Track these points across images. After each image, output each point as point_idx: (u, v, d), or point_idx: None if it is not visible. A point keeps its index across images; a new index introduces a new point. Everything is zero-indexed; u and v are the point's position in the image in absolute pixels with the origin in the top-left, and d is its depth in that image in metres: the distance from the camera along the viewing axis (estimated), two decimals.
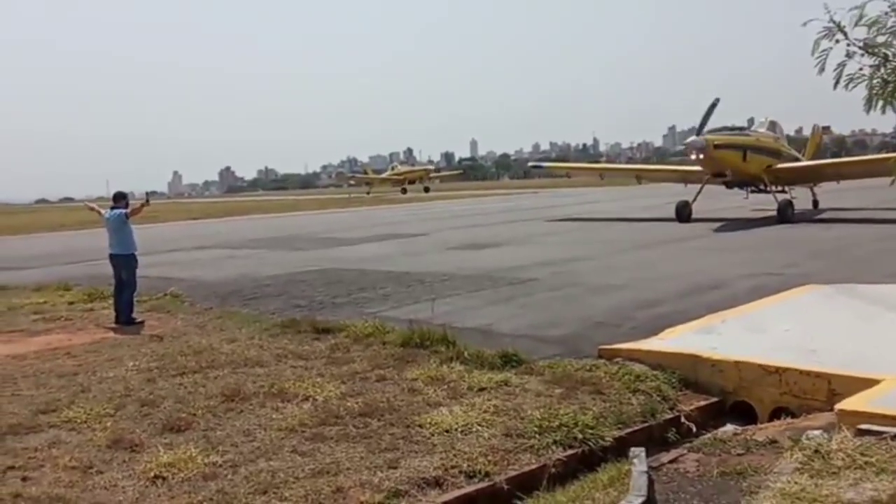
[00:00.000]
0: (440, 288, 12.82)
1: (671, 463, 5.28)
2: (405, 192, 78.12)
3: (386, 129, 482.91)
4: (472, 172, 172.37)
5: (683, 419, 6.52)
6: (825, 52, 4.35)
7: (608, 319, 9.83)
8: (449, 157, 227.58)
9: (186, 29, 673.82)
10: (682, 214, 25.58)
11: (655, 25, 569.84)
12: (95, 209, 12.49)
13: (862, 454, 4.69)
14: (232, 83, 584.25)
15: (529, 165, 76.47)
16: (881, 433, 4.97)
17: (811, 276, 12.13)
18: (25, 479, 5.24)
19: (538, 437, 5.73)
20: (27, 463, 5.53)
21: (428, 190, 79.97)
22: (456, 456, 5.39)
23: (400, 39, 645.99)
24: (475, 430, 5.89)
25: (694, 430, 6.39)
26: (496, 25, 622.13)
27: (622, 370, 7.23)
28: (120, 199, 11.68)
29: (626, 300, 11.11)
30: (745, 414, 6.74)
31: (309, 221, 37.29)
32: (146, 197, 12.15)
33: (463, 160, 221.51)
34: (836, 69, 4.40)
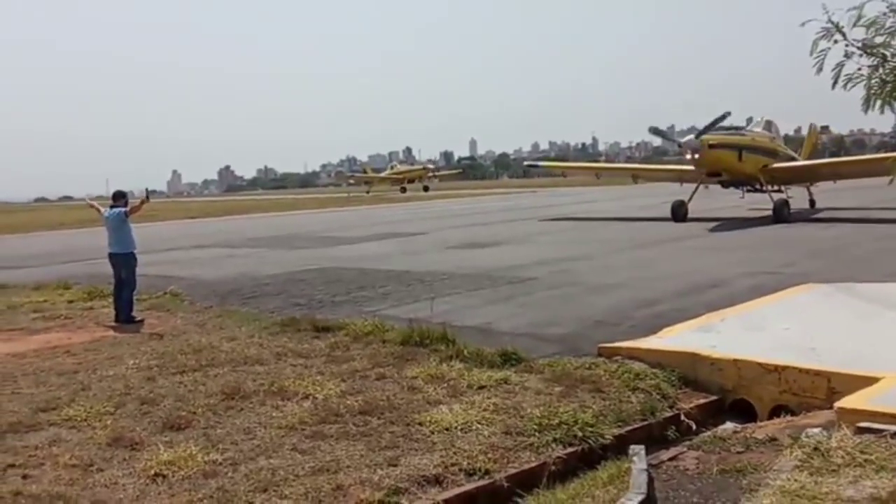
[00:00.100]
0: (440, 287, 12.83)
1: (671, 461, 5.30)
2: (404, 191, 78.16)
3: (385, 128, 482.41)
4: (471, 171, 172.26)
5: (683, 417, 6.54)
6: (823, 52, 4.36)
7: (607, 318, 9.84)
8: (448, 156, 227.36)
9: (186, 29, 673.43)
10: (677, 214, 25.48)
11: (655, 25, 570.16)
12: (96, 207, 12.49)
13: (861, 452, 4.70)
14: (231, 83, 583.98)
15: (525, 165, 76.30)
16: (881, 431, 4.98)
17: (810, 275, 12.14)
18: (26, 477, 5.25)
19: (538, 434, 5.75)
20: (27, 461, 5.53)
21: (427, 189, 79.97)
22: (456, 454, 5.40)
23: (399, 39, 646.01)
24: (475, 427, 5.90)
25: (693, 428, 6.42)
26: (495, 25, 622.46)
27: (622, 368, 7.25)
28: (119, 197, 11.69)
29: (624, 299, 11.12)
30: (744, 412, 6.75)
31: (308, 220, 37.30)
32: (146, 193, 12.15)
33: (462, 159, 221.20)
34: (834, 69, 4.42)
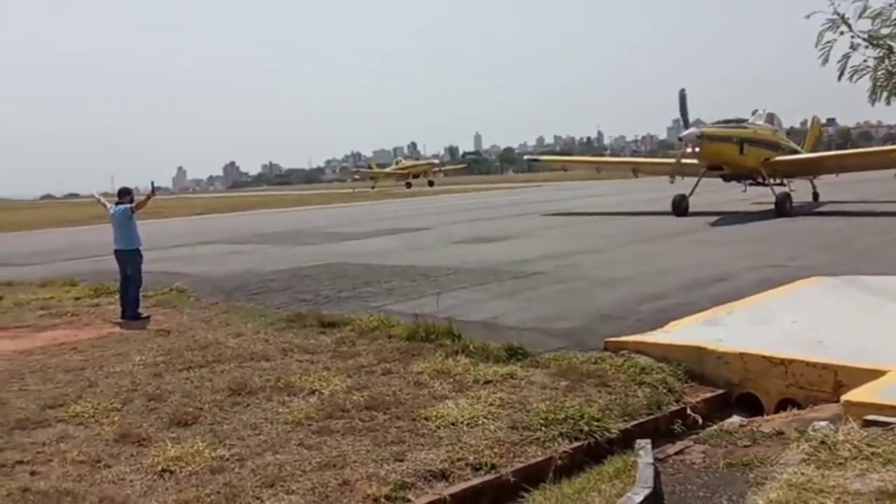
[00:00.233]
0: (445, 282, 12.83)
1: (677, 455, 5.29)
2: (410, 186, 78.10)
3: (390, 123, 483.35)
4: (476, 166, 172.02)
5: (689, 411, 6.52)
6: (829, 43, 4.35)
7: (613, 312, 9.83)
8: (453, 151, 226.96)
9: (190, 28, 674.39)
10: (678, 208, 25.16)
11: (660, 18, 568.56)
12: (102, 202, 12.51)
13: (868, 445, 4.69)
14: (235, 80, 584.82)
15: (525, 159, 76.12)
16: (888, 424, 4.96)
17: (816, 268, 12.11)
18: (34, 473, 5.27)
19: (544, 429, 5.74)
20: (35, 457, 5.55)
21: (432, 184, 79.96)
22: (462, 448, 5.41)
23: (403, 36, 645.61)
24: (481, 422, 5.90)
25: (700, 421, 6.40)
26: (500, 20, 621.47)
27: (628, 363, 7.23)
28: (125, 194, 11.72)
29: (630, 293, 11.11)
30: (751, 406, 6.74)
31: (313, 216, 37.33)
32: (151, 188, 12.14)
33: (467, 154, 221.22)
34: (840, 61, 4.41)
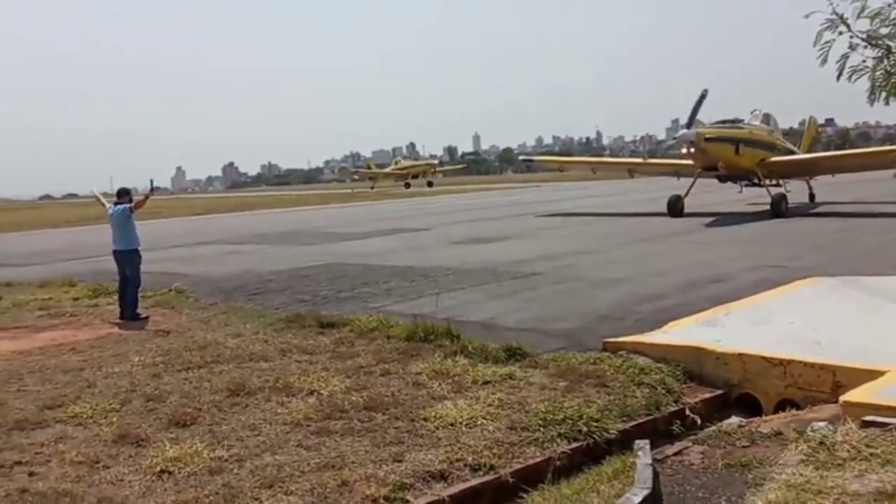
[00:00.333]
0: (444, 282, 12.83)
1: (676, 455, 5.29)
2: (409, 186, 78.10)
3: (389, 123, 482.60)
4: (475, 167, 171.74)
5: (688, 412, 6.53)
6: (828, 43, 4.35)
7: (612, 313, 9.84)
8: (452, 151, 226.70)
9: (187, 27, 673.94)
10: (674, 209, 25.01)
11: (659, 17, 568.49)
12: (102, 201, 12.50)
13: (867, 445, 4.69)
14: (234, 79, 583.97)
15: (520, 159, 76.22)
16: (886, 424, 4.96)
17: (813, 269, 12.10)
18: (32, 474, 5.26)
19: (543, 430, 5.75)
20: (34, 458, 5.55)
21: (431, 184, 79.92)
22: (461, 449, 5.41)
23: (402, 36, 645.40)
24: (480, 423, 5.90)
25: (698, 422, 6.40)
26: (499, 19, 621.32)
27: (626, 363, 7.24)
28: (123, 194, 11.72)
29: (628, 294, 11.11)
30: (749, 406, 6.74)
31: (312, 216, 37.33)
32: (150, 186, 12.07)
33: (466, 154, 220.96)
34: (838, 61, 4.41)
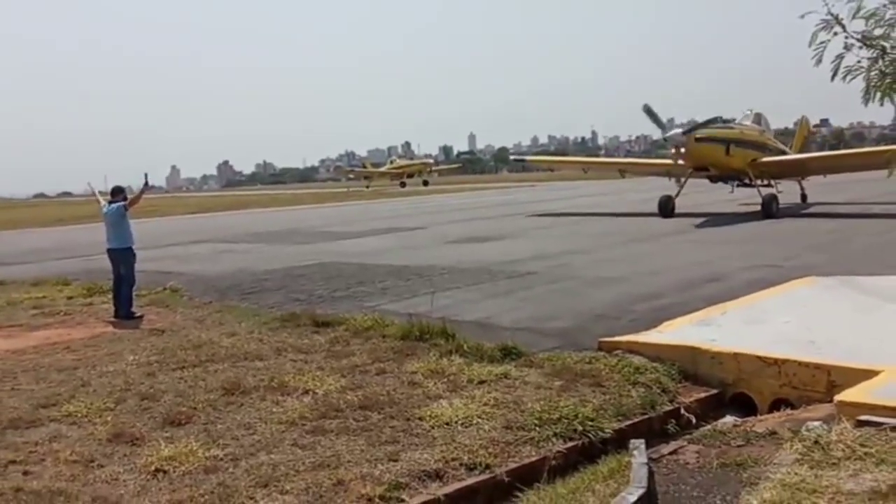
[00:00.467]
0: (439, 281, 12.83)
1: (671, 454, 5.30)
2: (404, 185, 78.03)
3: (384, 122, 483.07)
4: (470, 166, 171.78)
5: (683, 411, 6.54)
6: (823, 44, 4.35)
7: (607, 312, 9.84)
8: (447, 150, 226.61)
9: (186, 27, 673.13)
10: (665, 209, 24.93)
11: (655, 18, 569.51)
12: (98, 197, 12.43)
13: (861, 445, 4.70)
14: (229, 78, 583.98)
15: (512, 159, 76.12)
16: (881, 424, 4.97)
17: (809, 268, 12.13)
18: (26, 473, 5.25)
19: (538, 429, 5.75)
20: (28, 457, 5.53)
21: (427, 183, 79.88)
22: (456, 448, 5.40)
23: (398, 34, 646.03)
24: (475, 422, 5.90)
25: (694, 421, 6.42)
26: (495, 19, 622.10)
27: (622, 362, 7.24)
28: (118, 192, 11.69)
29: (624, 293, 11.12)
30: (744, 406, 6.75)
31: (307, 215, 37.27)
32: (144, 179, 11.88)
33: (461, 154, 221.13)
34: (833, 61, 4.41)
